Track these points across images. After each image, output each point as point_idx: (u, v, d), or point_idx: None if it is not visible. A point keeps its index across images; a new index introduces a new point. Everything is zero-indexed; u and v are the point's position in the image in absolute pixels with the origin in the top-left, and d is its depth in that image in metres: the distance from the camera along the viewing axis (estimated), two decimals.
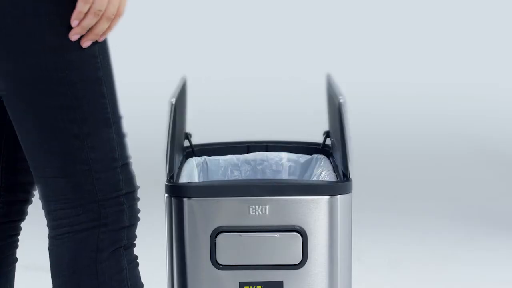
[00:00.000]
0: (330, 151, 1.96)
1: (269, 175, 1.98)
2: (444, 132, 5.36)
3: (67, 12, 1.44)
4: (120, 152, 1.52)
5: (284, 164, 1.99)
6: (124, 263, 1.54)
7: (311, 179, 1.93)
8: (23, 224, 1.81)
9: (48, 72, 1.45)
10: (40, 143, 1.49)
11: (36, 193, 1.61)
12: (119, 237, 1.53)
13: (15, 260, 1.76)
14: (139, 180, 1.55)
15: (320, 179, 1.86)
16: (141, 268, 1.54)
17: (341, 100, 1.68)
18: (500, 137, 5.26)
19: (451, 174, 4.57)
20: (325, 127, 2.01)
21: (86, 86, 1.48)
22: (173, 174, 1.72)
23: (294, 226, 1.64)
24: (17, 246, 1.76)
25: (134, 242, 1.56)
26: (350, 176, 1.68)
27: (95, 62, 1.48)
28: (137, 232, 1.54)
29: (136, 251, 1.55)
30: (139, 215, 1.56)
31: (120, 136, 1.52)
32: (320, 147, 2.00)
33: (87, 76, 1.48)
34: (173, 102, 1.67)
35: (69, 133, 1.48)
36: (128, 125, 1.55)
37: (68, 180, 1.50)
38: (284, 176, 1.99)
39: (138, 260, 1.58)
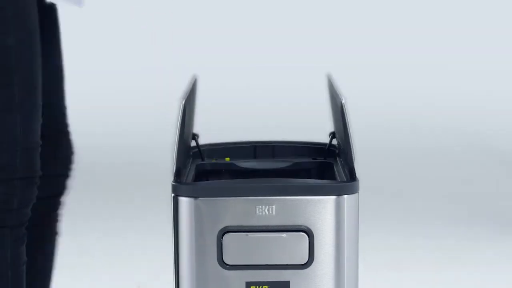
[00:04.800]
0: (337, 151, 1.96)
1: None
2: (445, 132, 5.36)
3: None
4: None
5: None
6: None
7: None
8: None
9: None
10: None
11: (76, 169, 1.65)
12: None
13: (56, 233, 1.85)
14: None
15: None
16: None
17: (342, 101, 1.68)
18: (501, 137, 5.27)
19: (451, 174, 4.58)
20: (332, 127, 2.01)
21: None
22: (180, 174, 1.72)
23: (300, 226, 1.64)
24: (58, 221, 1.83)
25: None
26: (357, 176, 1.69)
27: None
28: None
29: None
30: None
31: None
32: (326, 147, 2.00)
33: None
34: (183, 103, 1.67)
35: None
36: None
37: None
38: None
39: None
